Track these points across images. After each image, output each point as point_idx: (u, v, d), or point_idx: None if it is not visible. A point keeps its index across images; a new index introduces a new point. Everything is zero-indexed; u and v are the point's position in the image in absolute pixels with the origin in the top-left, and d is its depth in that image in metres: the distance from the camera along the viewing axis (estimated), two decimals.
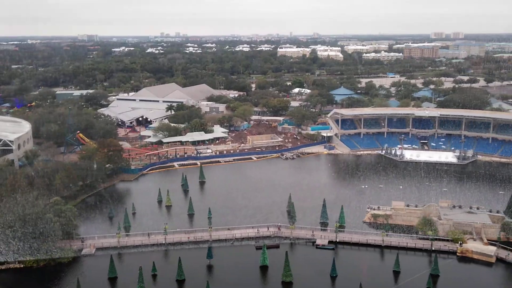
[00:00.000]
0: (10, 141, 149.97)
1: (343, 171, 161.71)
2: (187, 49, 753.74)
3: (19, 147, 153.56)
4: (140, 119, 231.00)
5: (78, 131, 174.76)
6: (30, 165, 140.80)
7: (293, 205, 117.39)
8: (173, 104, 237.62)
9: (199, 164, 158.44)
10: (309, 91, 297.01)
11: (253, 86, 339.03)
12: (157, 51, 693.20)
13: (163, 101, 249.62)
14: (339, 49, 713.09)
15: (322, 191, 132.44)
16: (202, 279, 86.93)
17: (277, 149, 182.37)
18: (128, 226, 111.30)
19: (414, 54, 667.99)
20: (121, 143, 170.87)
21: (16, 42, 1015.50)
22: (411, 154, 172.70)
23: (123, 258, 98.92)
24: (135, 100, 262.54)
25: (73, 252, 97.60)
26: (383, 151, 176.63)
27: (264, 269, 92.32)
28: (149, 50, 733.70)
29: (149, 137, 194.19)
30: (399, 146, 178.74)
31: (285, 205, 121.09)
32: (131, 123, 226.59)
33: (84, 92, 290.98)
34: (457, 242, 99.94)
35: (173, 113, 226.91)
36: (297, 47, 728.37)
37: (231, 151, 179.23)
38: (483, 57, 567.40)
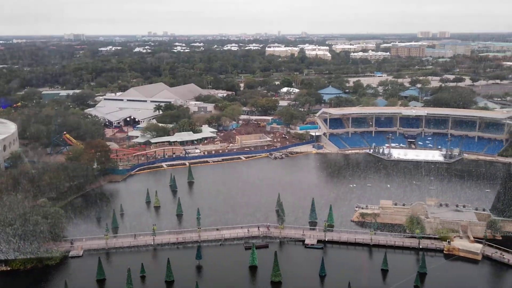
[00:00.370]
0: None
1: (332, 170, 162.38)
2: (175, 48, 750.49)
3: (4, 149, 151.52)
4: (127, 119, 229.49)
5: (64, 132, 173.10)
6: (16, 167, 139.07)
7: (282, 205, 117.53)
8: (161, 104, 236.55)
9: (187, 164, 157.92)
10: (297, 90, 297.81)
11: (242, 85, 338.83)
12: (145, 51, 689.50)
13: (151, 101, 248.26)
14: (327, 48, 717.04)
15: (311, 191, 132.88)
16: (191, 280, 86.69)
17: (265, 148, 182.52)
18: (116, 227, 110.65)
19: (401, 53, 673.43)
20: (108, 143, 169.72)
21: (1, 41, 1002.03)
22: (399, 153, 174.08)
23: (111, 259, 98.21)
24: (122, 100, 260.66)
25: (61, 254, 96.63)
26: (371, 150, 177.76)
27: (253, 269, 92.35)
28: (137, 49, 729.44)
29: (137, 137, 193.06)
30: (386, 145, 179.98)
31: (274, 204, 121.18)
32: (118, 123, 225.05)
33: (70, 92, 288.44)
34: (445, 240, 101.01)
35: (161, 113, 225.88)
36: (285, 46, 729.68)
37: (220, 151, 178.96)
38: (468, 56, 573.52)
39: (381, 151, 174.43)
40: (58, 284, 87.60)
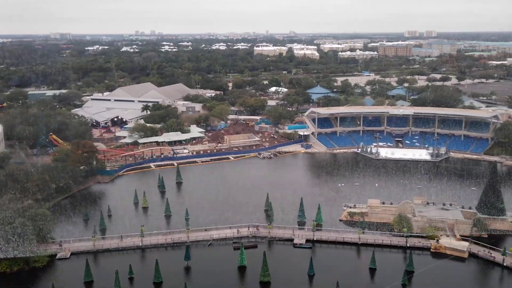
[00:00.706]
0: None
1: (320, 170, 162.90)
2: (163, 47, 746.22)
3: None
4: (115, 119, 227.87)
5: (51, 133, 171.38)
6: (2, 168, 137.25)
7: (271, 205, 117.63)
8: (149, 104, 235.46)
9: (175, 164, 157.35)
10: (286, 90, 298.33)
11: (230, 85, 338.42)
12: (132, 50, 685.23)
13: (139, 101, 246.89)
14: (315, 47, 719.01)
15: (299, 190, 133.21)
16: (179, 281, 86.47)
17: (254, 148, 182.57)
18: (103, 228, 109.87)
19: (388, 52, 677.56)
20: (96, 144, 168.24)
21: None
22: (386, 152, 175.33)
23: (99, 261, 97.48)
24: (110, 100, 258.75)
25: (48, 256, 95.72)
26: (359, 149, 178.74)
27: (242, 270, 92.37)
28: (124, 48, 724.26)
29: (124, 137, 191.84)
30: (374, 144, 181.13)
31: (263, 204, 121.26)
32: (106, 123, 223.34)
33: (57, 92, 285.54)
34: (432, 238, 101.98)
35: (149, 113, 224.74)
36: (273, 46, 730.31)
37: (208, 151, 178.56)
38: (454, 55, 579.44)
39: (369, 150, 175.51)
40: (45, 286, 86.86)
